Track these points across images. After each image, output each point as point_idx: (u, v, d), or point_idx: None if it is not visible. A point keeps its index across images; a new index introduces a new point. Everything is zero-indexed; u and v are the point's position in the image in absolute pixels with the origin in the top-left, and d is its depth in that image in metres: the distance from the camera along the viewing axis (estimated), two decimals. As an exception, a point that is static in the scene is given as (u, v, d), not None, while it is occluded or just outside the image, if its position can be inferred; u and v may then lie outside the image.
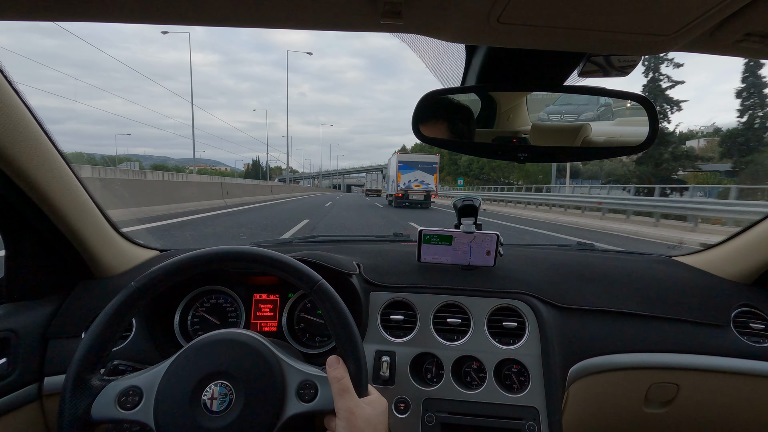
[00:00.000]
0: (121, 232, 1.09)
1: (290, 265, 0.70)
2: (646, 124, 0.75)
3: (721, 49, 0.55)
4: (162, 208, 10.28)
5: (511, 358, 0.94)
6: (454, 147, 0.82)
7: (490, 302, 0.99)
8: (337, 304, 0.69)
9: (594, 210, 15.59)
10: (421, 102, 0.74)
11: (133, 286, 0.66)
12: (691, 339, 1.01)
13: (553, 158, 0.81)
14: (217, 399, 0.61)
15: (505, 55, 0.66)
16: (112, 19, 0.51)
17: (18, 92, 0.73)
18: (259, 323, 1.03)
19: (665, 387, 1.01)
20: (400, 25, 0.51)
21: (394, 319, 0.99)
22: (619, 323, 1.02)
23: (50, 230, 0.89)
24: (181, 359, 0.65)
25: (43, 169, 0.79)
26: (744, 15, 0.46)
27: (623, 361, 0.99)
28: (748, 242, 1.13)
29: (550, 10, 0.45)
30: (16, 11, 0.49)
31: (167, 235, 6.68)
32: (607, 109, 0.80)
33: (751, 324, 1.04)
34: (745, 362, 0.99)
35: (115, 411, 0.61)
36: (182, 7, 0.48)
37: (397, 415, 0.91)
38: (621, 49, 0.56)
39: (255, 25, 0.52)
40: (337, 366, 0.65)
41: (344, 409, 0.62)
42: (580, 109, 0.81)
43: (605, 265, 1.19)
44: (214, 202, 14.36)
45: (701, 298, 1.07)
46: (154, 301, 0.94)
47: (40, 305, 0.94)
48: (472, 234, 1.04)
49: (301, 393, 0.65)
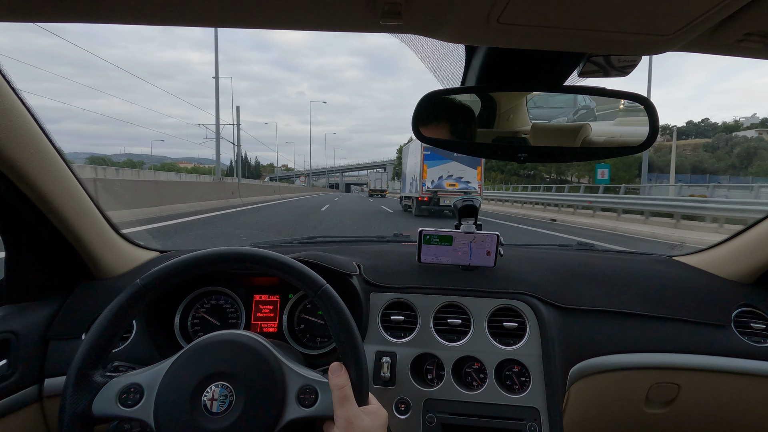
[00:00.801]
0: (121, 233, 1.09)
1: (295, 268, 0.70)
2: (646, 124, 0.75)
3: (721, 48, 0.54)
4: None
5: (511, 359, 0.94)
6: (454, 147, 0.82)
7: (490, 302, 0.99)
8: (340, 309, 0.68)
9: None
10: (422, 102, 0.74)
11: (138, 284, 0.66)
12: (692, 339, 1.01)
13: (553, 158, 0.81)
14: (217, 400, 0.61)
15: (505, 56, 0.66)
16: (114, 20, 0.51)
17: (18, 93, 0.73)
18: (259, 324, 1.03)
19: (666, 387, 1.01)
20: (400, 26, 0.51)
21: (394, 320, 0.99)
22: (619, 323, 1.02)
23: (50, 231, 0.89)
24: (182, 359, 0.65)
25: (43, 170, 0.79)
26: (744, 15, 0.46)
27: (624, 362, 0.98)
28: (748, 242, 1.13)
29: (550, 10, 0.45)
30: (18, 12, 0.49)
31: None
32: (589, 112, 0.80)
33: (752, 324, 1.04)
34: (746, 362, 0.99)
35: (116, 408, 0.61)
36: (182, 8, 0.48)
37: (397, 415, 0.91)
38: (621, 50, 0.56)
39: (255, 26, 0.52)
40: (339, 373, 0.65)
41: (343, 418, 0.61)
42: (554, 113, 0.81)
43: (606, 265, 1.19)
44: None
45: (702, 298, 1.07)
46: (154, 303, 0.94)
47: (41, 307, 0.94)
48: (472, 234, 1.04)
49: (301, 398, 0.64)
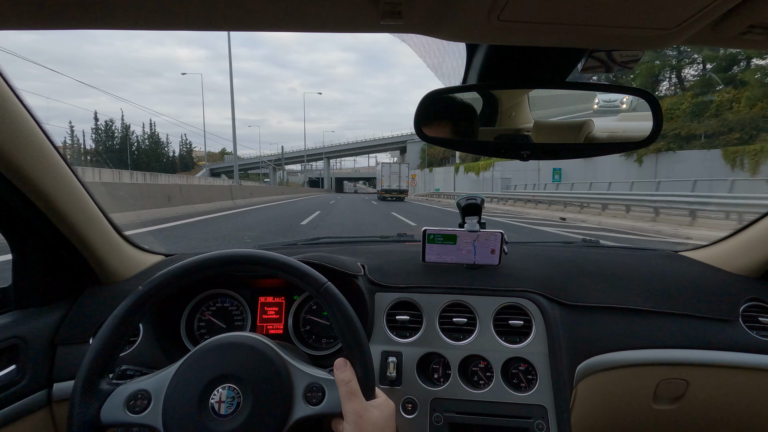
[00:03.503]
0: (126, 237, 1.10)
1: (297, 268, 0.70)
2: (649, 119, 0.75)
3: (724, 41, 0.54)
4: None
5: (518, 357, 0.94)
6: (457, 146, 0.81)
7: (495, 301, 0.99)
8: (343, 306, 0.68)
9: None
10: (423, 102, 0.74)
11: (141, 290, 0.66)
12: (700, 334, 1.00)
13: (556, 155, 0.81)
14: (225, 402, 0.62)
15: (506, 53, 0.65)
16: (109, 26, 0.50)
17: (20, 97, 0.73)
18: (265, 326, 1.03)
19: (674, 383, 1.00)
20: (401, 25, 0.51)
21: (399, 320, 0.99)
22: (626, 320, 1.01)
23: (56, 237, 0.89)
24: (188, 363, 0.65)
25: (47, 175, 0.79)
26: (746, 7, 0.45)
27: (631, 358, 0.98)
28: (754, 236, 1.12)
29: (551, 6, 0.45)
30: (16, 21, 0.49)
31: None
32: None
33: (759, 318, 1.03)
34: (754, 357, 0.98)
35: (124, 414, 0.62)
36: (180, 11, 0.48)
37: (404, 415, 0.91)
38: (623, 45, 0.56)
39: (255, 28, 0.52)
40: (344, 369, 0.65)
41: (352, 412, 0.62)
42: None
43: (611, 261, 1.18)
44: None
45: (709, 293, 1.06)
46: (160, 306, 0.94)
47: (48, 312, 0.95)
48: (476, 233, 1.04)
49: (309, 396, 0.65)
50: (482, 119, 0.80)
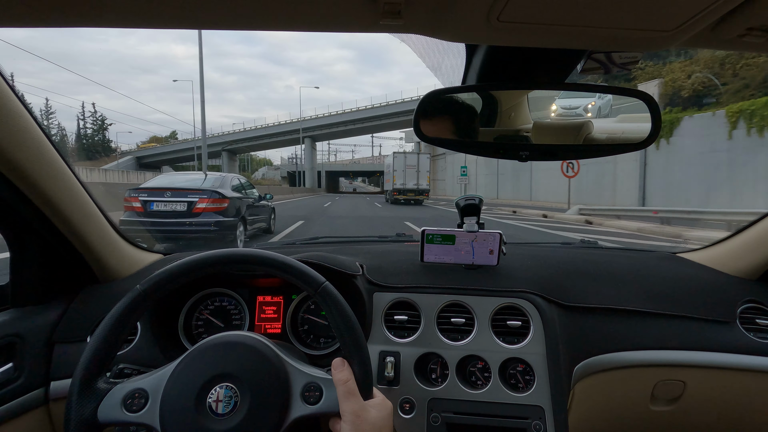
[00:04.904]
0: (124, 235, 1.10)
1: (295, 268, 0.70)
2: (648, 120, 0.75)
3: (723, 43, 0.54)
4: None
5: (515, 357, 0.94)
6: (456, 146, 0.81)
7: (494, 301, 0.99)
8: (341, 306, 0.68)
9: None
10: (423, 102, 0.74)
11: (138, 289, 0.66)
12: (697, 336, 1.00)
13: (555, 156, 0.81)
14: (222, 401, 0.61)
15: (505, 54, 0.65)
16: (104, 23, 0.50)
17: (18, 96, 0.73)
18: (263, 325, 1.03)
19: (671, 384, 1.00)
20: (400, 25, 0.51)
21: (398, 320, 0.99)
22: (624, 321, 1.01)
23: (54, 235, 0.89)
24: (186, 362, 0.65)
25: (45, 172, 0.79)
26: (745, 9, 0.45)
27: (629, 359, 0.98)
28: (753, 238, 1.12)
29: (551, 7, 0.45)
30: (14, 18, 0.49)
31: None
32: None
33: (757, 320, 1.03)
34: (752, 359, 0.99)
35: (122, 413, 0.62)
36: (180, 10, 0.48)
37: (402, 415, 0.91)
38: (622, 46, 0.56)
39: (253, 27, 0.52)
40: (342, 368, 0.65)
41: (350, 412, 0.62)
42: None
43: (609, 262, 1.18)
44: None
45: (706, 295, 1.07)
46: (158, 305, 0.94)
47: (46, 310, 0.95)
48: (474, 233, 1.04)
49: (306, 395, 0.64)
50: (482, 119, 0.80)
